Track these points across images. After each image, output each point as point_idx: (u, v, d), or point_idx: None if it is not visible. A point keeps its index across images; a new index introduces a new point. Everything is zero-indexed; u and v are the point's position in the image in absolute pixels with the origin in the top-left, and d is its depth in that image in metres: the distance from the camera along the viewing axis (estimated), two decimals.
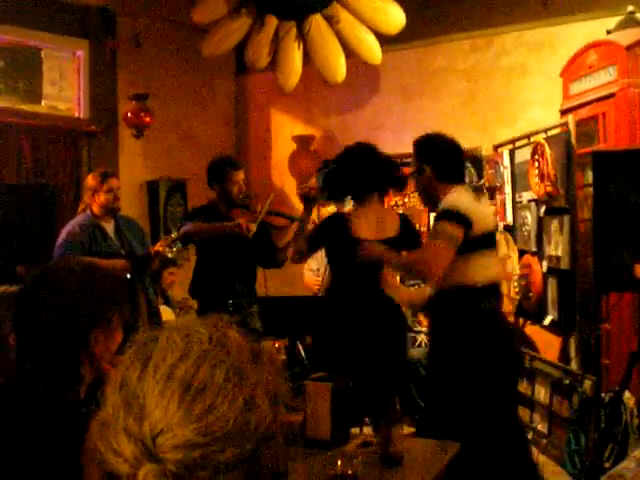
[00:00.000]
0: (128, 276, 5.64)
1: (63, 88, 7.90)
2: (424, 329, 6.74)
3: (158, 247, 5.77)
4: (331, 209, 7.22)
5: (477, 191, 6.32)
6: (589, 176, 5.17)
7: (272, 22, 7.40)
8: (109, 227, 5.87)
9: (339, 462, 2.80)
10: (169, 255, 5.88)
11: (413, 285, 5.95)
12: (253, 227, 5.52)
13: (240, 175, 5.71)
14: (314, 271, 7.39)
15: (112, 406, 1.02)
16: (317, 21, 7.30)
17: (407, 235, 4.77)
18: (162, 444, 0.97)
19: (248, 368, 1.04)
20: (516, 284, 6.34)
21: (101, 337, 1.96)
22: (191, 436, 0.96)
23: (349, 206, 6.74)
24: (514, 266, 6.48)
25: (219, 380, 1.00)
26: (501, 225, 6.78)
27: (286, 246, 5.81)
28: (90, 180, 5.86)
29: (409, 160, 4.74)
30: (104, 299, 1.99)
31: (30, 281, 2.05)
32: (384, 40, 7.40)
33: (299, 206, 6.03)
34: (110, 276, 2.08)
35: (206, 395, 0.98)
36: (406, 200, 7.77)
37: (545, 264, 5.89)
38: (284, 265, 5.95)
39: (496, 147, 7.06)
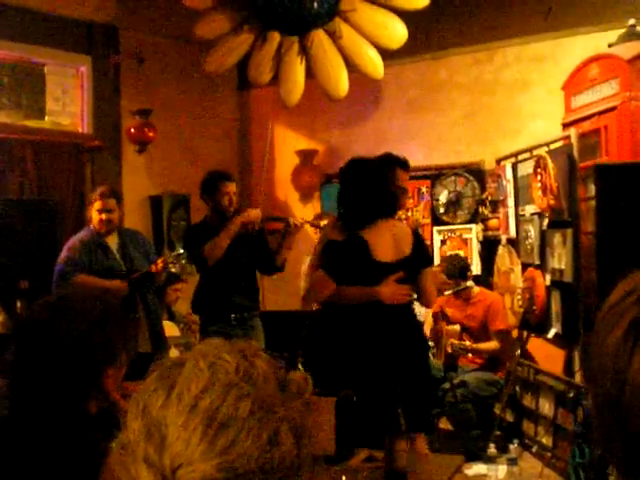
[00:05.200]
0: (125, 294, 5.64)
1: (66, 104, 7.92)
2: None
3: (160, 262, 5.79)
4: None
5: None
6: (592, 189, 5.18)
7: (275, 37, 7.42)
8: (112, 242, 5.86)
9: (343, 477, 2.80)
10: (173, 270, 5.89)
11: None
12: (259, 215, 5.59)
13: (230, 187, 5.71)
14: None
15: (133, 432, 1.00)
16: (319, 36, 7.31)
17: (419, 252, 4.48)
18: (182, 477, 0.95)
19: (274, 401, 1.01)
20: (519, 297, 6.33)
21: (112, 373, 1.92)
22: (212, 472, 0.94)
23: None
24: (517, 279, 6.48)
25: (243, 414, 0.97)
26: (504, 238, 6.79)
27: (278, 248, 5.82)
28: (90, 195, 5.91)
29: (420, 174, 4.76)
30: (117, 336, 1.95)
31: (40, 315, 1.97)
32: (386, 54, 7.41)
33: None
34: (120, 312, 2.04)
35: (229, 430, 0.96)
36: (409, 214, 7.74)
37: (548, 277, 5.89)
38: (284, 269, 5.96)
39: (499, 160, 7.08)
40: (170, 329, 6.90)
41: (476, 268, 7.28)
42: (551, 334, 5.89)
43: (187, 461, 0.95)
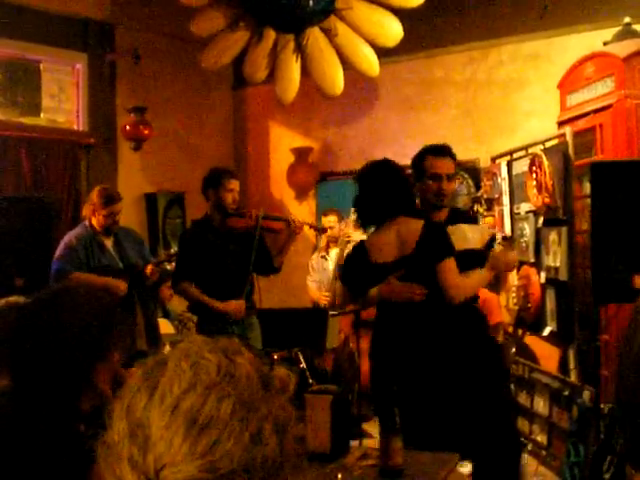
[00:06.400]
0: (124, 291, 5.65)
1: (62, 101, 7.92)
2: None
3: (151, 267, 5.83)
4: (332, 219, 7.21)
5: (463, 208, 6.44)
6: (587, 187, 5.18)
7: (270, 35, 7.42)
8: (108, 240, 5.87)
9: (339, 475, 2.80)
10: (168, 268, 5.89)
11: None
12: (242, 310, 5.60)
13: (235, 184, 5.69)
14: (317, 282, 7.39)
15: (117, 432, 1.01)
16: (315, 34, 7.31)
17: (424, 248, 4.20)
18: (165, 478, 0.96)
19: (256, 400, 1.02)
20: (514, 295, 6.34)
21: (102, 369, 1.92)
22: (195, 472, 0.95)
23: (353, 218, 6.75)
24: (512, 277, 6.48)
25: (225, 414, 0.98)
26: (499, 236, 6.78)
27: (279, 250, 5.82)
28: (94, 197, 5.84)
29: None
30: (107, 332, 1.94)
31: (33, 309, 1.98)
32: (382, 52, 7.41)
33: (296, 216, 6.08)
34: (111, 308, 2.02)
35: (211, 430, 0.97)
36: None
37: (543, 275, 5.89)
38: (281, 270, 5.95)
39: (494, 158, 7.07)
40: (165, 326, 6.91)
41: None
42: (546, 332, 5.89)
43: (170, 462, 0.96)
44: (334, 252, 7.19)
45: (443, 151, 4.55)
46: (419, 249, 4.19)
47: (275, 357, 6.19)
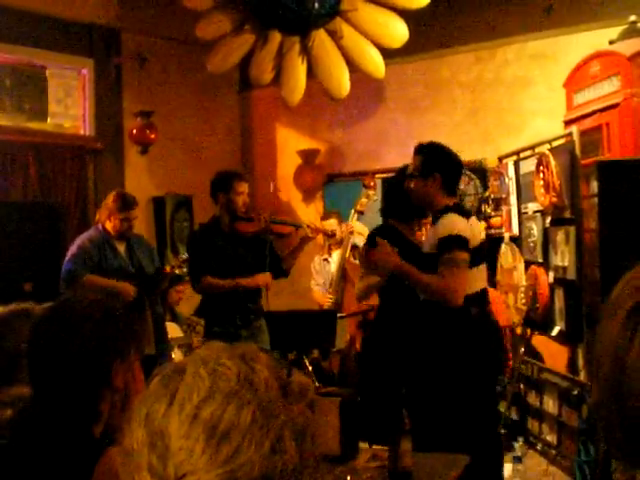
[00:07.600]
0: (134, 296, 5.65)
1: (69, 106, 7.93)
2: None
3: (168, 269, 5.84)
4: (333, 222, 7.19)
5: (470, 208, 6.45)
6: (594, 186, 5.18)
7: (276, 37, 7.43)
8: (121, 244, 5.88)
9: (348, 477, 2.80)
10: (177, 272, 5.89)
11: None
12: (270, 281, 5.66)
13: (245, 187, 5.68)
14: (321, 285, 7.38)
15: (137, 440, 1.00)
16: (320, 36, 7.32)
17: None
18: None
19: (276, 406, 1.02)
20: (523, 295, 6.33)
21: (121, 370, 1.92)
22: None
23: (352, 220, 6.74)
24: (520, 277, 6.48)
25: (245, 422, 0.98)
26: (507, 236, 6.78)
27: (291, 253, 5.81)
28: (110, 202, 5.85)
29: None
30: (122, 332, 1.95)
31: (47, 316, 1.99)
32: (388, 54, 7.41)
33: (304, 218, 6.07)
34: (126, 308, 2.04)
35: (232, 439, 0.96)
36: None
37: (551, 275, 5.89)
38: (289, 274, 5.95)
39: (501, 158, 7.07)
40: (173, 330, 6.91)
41: None
42: (555, 331, 5.89)
43: (191, 470, 0.95)
44: (336, 254, 7.18)
45: (415, 149, 4.63)
46: None
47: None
